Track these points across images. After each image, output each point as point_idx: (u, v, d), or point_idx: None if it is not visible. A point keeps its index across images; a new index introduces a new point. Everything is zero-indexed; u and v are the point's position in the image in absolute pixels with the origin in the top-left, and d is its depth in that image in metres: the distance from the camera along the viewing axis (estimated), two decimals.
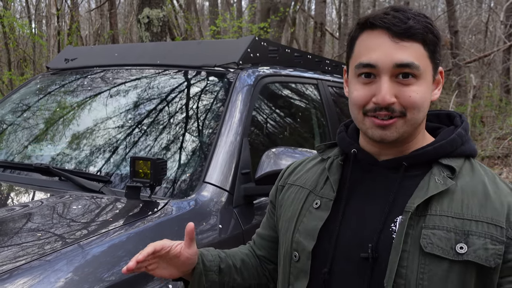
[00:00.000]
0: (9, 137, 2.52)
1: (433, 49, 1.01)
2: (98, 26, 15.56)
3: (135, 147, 2.14)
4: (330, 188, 1.11)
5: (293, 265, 1.11)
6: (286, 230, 1.15)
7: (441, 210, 0.98)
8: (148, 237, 1.56)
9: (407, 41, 0.99)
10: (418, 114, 1.01)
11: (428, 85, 1.02)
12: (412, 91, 0.99)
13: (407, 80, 0.99)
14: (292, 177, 1.24)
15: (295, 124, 2.85)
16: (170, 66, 2.57)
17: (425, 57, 1.00)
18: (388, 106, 0.99)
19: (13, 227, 1.54)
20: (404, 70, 0.99)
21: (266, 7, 11.20)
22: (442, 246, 0.95)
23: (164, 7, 5.50)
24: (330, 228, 1.06)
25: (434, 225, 0.97)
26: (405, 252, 0.97)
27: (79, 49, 3.22)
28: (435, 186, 0.99)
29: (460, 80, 10.76)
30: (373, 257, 0.99)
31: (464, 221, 0.96)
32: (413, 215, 0.98)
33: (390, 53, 0.99)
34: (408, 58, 0.98)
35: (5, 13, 10.46)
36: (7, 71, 11.19)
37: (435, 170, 1.02)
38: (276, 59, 2.78)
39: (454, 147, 1.04)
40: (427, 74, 1.02)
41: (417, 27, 0.98)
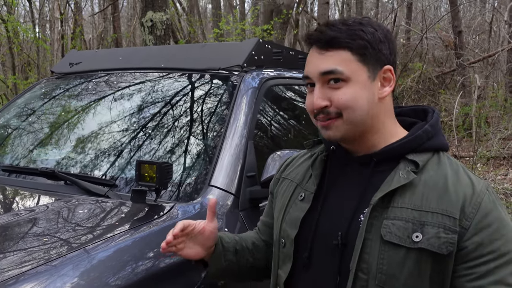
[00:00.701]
0: (14, 142, 2.53)
1: (362, 52, 1.11)
2: (102, 30, 15.61)
3: (140, 150, 2.14)
4: (312, 182, 1.24)
5: (281, 250, 1.26)
6: (277, 219, 1.30)
7: (402, 203, 1.07)
8: (153, 242, 1.55)
9: (331, 51, 1.11)
10: (354, 113, 1.11)
11: (362, 85, 1.11)
12: (342, 94, 1.11)
13: (336, 84, 1.11)
14: (286, 171, 1.38)
15: (299, 126, 2.84)
16: (175, 69, 2.57)
17: (353, 61, 1.11)
18: (323, 110, 1.12)
19: (18, 231, 1.53)
20: (330, 77, 1.11)
21: (269, 9, 11.20)
22: (399, 235, 1.05)
23: (167, 10, 5.51)
24: (310, 218, 1.20)
25: (395, 216, 1.07)
26: (368, 240, 1.08)
27: (83, 53, 3.23)
28: (398, 180, 1.08)
29: (465, 80, 10.72)
30: (342, 244, 1.12)
31: (422, 212, 1.06)
32: (377, 207, 1.08)
33: (316, 64, 1.13)
34: (330, 66, 1.10)
35: (9, 18, 10.51)
36: (11, 75, 11.23)
37: (401, 165, 1.11)
38: (280, 61, 2.77)
39: (419, 143, 1.13)
40: (358, 76, 1.11)
41: (339, 36, 1.10)
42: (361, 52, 1.11)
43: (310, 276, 1.19)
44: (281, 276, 1.25)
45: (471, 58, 11.70)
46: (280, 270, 1.26)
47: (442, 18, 13.65)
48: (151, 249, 1.52)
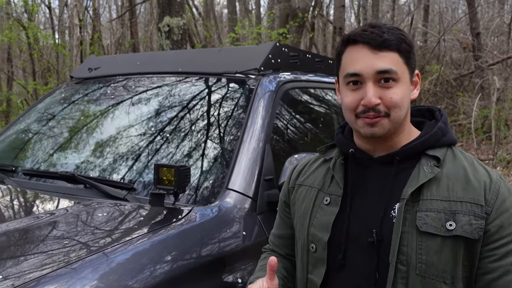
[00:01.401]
0: (35, 146, 2.56)
1: (407, 55, 1.20)
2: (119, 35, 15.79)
3: (158, 154, 2.15)
4: (336, 186, 1.27)
5: (311, 255, 1.27)
6: (301, 225, 1.31)
7: (431, 195, 1.15)
8: (171, 245, 1.56)
9: (384, 51, 1.17)
10: (399, 113, 1.18)
11: (407, 86, 1.20)
12: (393, 93, 1.17)
13: (388, 84, 1.17)
14: (300, 178, 1.40)
15: (316, 129, 2.82)
16: (192, 73, 2.58)
17: (401, 63, 1.19)
18: (374, 107, 1.17)
19: (39, 234, 1.55)
20: (385, 76, 1.17)
21: (285, 13, 11.20)
22: (434, 225, 1.12)
23: (184, 15, 5.55)
24: (340, 221, 1.23)
25: (427, 208, 1.14)
26: (404, 233, 1.14)
27: (101, 58, 3.26)
28: (424, 175, 1.16)
29: (483, 82, 10.56)
30: (378, 240, 1.16)
31: (451, 202, 1.14)
32: (408, 201, 1.15)
33: (372, 62, 1.17)
34: (386, 65, 1.16)
35: (30, 25, 10.71)
36: (31, 81, 11.43)
37: (423, 161, 1.19)
38: (297, 64, 2.77)
39: (436, 139, 1.22)
40: (405, 78, 1.19)
41: (391, 39, 1.17)
42: (407, 55, 1.19)
43: (345, 276, 1.22)
44: (314, 280, 1.26)
45: (489, 60, 11.53)
46: (310, 275, 1.27)
47: (459, 20, 13.49)
48: (169, 253, 1.53)
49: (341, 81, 1.24)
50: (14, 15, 12.00)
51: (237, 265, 1.71)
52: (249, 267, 1.73)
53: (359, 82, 1.19)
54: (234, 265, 1.70)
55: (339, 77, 1.26)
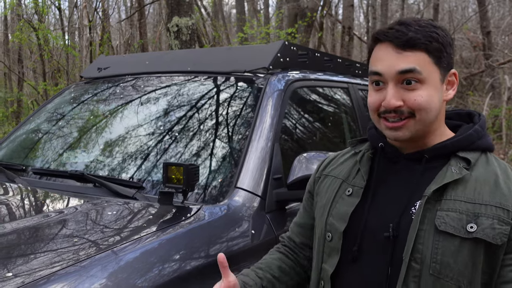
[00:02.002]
0: (45, 145, 2.58)
1: (437, 55, 1.14)
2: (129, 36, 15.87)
3: (167, 153, 2.15)
4: (361, 178, 1.27)
5: (327, 244, 1.27)
6: (321, 214, 1.31)
7: (455, 196, 1.11)
8: (180, 243, 1.56)
9: (409, 51, 1.12)
10: (426, 115, 1.14)
11: (435, 87, 1.15)
12: (417, 95, 1.13)
13: (411, 86, 1.13)
14: (327, 169, 1.40)
15: (325, 129, 2.81)
16: (200, 72, 2.58)
17: (430, 63, 1.13)
18: (396, 109, 1.14)
19: (49, 233, 1.56)
20: (407, 76, 1.12)
21: (293, 13, 11.19)
22: (454, 225, 1.08)
23: (192, 15, 5.56)
24: (359, 212, 1.22)
25: (448, 208, 1.10)
26: (421, 231, 1.11)
27: (111, 58, 3.28)
28: (451, 175, 1.13)
29: (494, 81, 10.47)
30: (393, 236, 1.14)
31: (475, 205, 1.10)
32: (430, 199, 1.12)
33: (393, 62, 1.13)
34: (409, 65, 1.12)
35: (40, 26, 10.79)
36: (42, 82, 11.52)
37: (453, 162, 1.16)
38: (306, 63, 2.76)
39: (470, 142, 1.18)
40: (433, 78, 1.14)
41: (417, 37, 1.12)
42: (437, 54, 1.14)
43: (358, 268, 1.21)
44: (327, 269, 1.26)
45: (500, 59, 11.44)
46: (324, 264, 1.27)
47: (469, 19, 13.38)
48: (178, 251, 1.53)
49: (369, 79, 1.22)
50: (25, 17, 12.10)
51: (245, 264, 1.70)
52: None
53: (381, 82, 1.17)
54: (243, 264, 1.69)
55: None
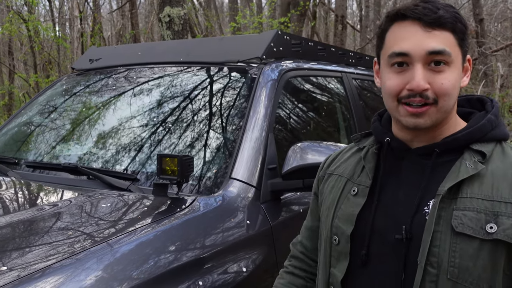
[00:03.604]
0: (37, 138, 2.56)
1: (462, 37, 1.07)
2: (120, 27, 15.73)
3: (161, 144, 2.14)
4: (366, 176, 1.17)
5: (334, 248, 1.18)
6: (326, 216, 1.23)
7: (471, 193, 1.02)
8: (176, 235, 1.56)
9: (438, 30, 1.04)
10: (449, 101, 1.06)
11: (459, 72, 1.08)
12: (444, 79, 1.04)
13: (439, 67, 1.04)
14: (331, 167, 1.31)
15: (320, 118, 2.81)
16: (193, 63, 2.57)
17: (455, 45, 1.06)
18: (422, 93, 1.04)
19: (44, 226, 1.55)
20: (436, 58, 1.04)
21: (286, 2, 11.13)
22: (472, 226, 1.00)
23: (184, 5, 5.52)
24: (366, 213, 1.13)
25: (465, 207, 1.02)
26: (437, 232, 1.02)
27: (103, 49, 3.25)
28: (466, 171, 1.04)
29: (487, 69, 10.51)
30: (407, 238, 1.05)
31: (494, 202, 1.01)
32: (445, 198, 1.03)
33: (423, 41, 1.04)
34: (440, 45, 1.03)
35: (30, 17, 10.67)
36: (33, 74, 11.42)
37: (466, 155, 1.06)
38: (300, 52, 2.75)
39: (484, 133, 1.09)
40: (457, 62, 1.07)
41: (446, 16, 1.04)
42: (461, 36, 1.07)
43: (369, 273, 1.13)
44: (336, 275, 1.17)
45: (493, 47, 11.46)
46: (333, 268, 1.19)
47: (462, 6, 13.37)
48: (173, 243, 1.53)
49: (384, 62, 1.11)
50: (14, 8, 11.96)
51: (241, 254, 1.70)
52: (253, 256, 1.73)
53: (405, 64, 1.06)
54: (239, 254, 1.70)
55: (381, 58, 1.14)
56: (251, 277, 1.67)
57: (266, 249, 1.79)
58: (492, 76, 10.50)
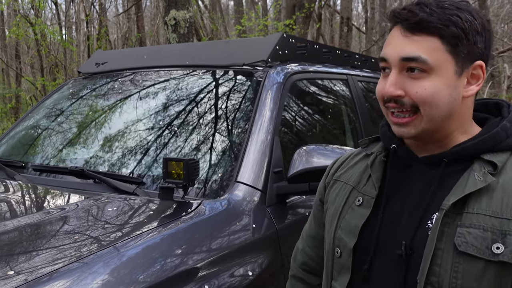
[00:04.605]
0: (44, 142, 2.58)
1: (454, 42, 0.97)
2: (126, 30, 15.80)
3: (167, 148, 2.15)
4: (372, 186, 1.11)
5: (336, 261, 1.13)
6: (330, 226, 1.17)
7: (478, 208, 0.95)
8: (182, 238, 1.56)
9: (418, 35, 0.97)
10: (431, 110, 0.98)
11: (446, 80, 0.98)
12: (419, 86, 0.97)
13: (414, 74, 0.98)
14: (337, 172, 1.24)
15: (325, 120, 2.81)
16: (199, 66, 2.57)
17: (441, 51, 0.97)
18: (396, 99, 1.00)
19: (50, 230, 1.56)
20: (410, 64, 0.98)
21: (291, 4, 11.13)
22: (477, 246, 0.92)
23: (190, 8, 5.53)
24: (371, 226, 1.07)
25: (471, 223, 0.94)
26: (439, 250, 0.95)
27: (108, 53, 3.26)
28: (474, 183, 0.96)
29: (493, 70, 10.45)
30: (406, 254, 0.99)
31: (503, 220, 0.93)
32: (449, 212, 0.96)
33: (398, 47, 0.99)
34: (414, 52, 0.97)
35: (37, 21, 10.74)
36: (40, 77, 11.49)
37: (476, 166, 0.98)
38: (305, 55, 2.75)
39: (497, 141, 1.00)
40: (443, 69, 0.97)
41: (430, 20, 0.96)
42: (453, 42, 0.97)
43: None
44: None
45: (499, 48, 11.40)
46: (334, 281, 1.14)
47: None
48: (180, 246, 1.53)
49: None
50: (21, 12, 12.04)
51: (247, 258, 1.70)
52: (259, 260, 1.73)
53: (387, 69, 1.03)
54: (244, 257, 1.70)
55: None
56: (257, 281, 1.67)
57: (272, 252, 1.79)
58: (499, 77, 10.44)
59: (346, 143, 2.76)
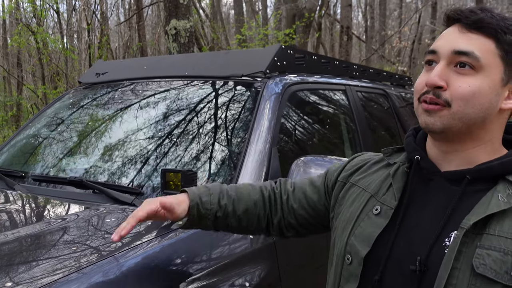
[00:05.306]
0: (44, 151, 2.60)
1: (508, 49, 0.98)
2: (127, 39, 15.89)
3: (166, 158, 2.17)
4: (392, 196, 1.09)
5: (345, 267, 1.10)
6: (342, 230, 1.14)
7: (500, 231, 0.92)
8: (181, 248, 1.57)
9: (475, 33, 0.98)
10: (466, 108, 0.97)
11: (491, 84, 0.97)
12: (464, 82, 0.97)
13: (463, 70, 0.97)
14: (354, 176, 1.23)
15: (324, 131, 2.83)
16: (198, 77, 2.60)
17: (494, 55, 0.98)
18: (435, 91, 0.98)
19: (50, 240, 1.57)
20: (461, 59, 0.97)
21: (292, 14, 11.20)
22: (495, 269, 0.90)
23: (190, 18, 5.57)
24: (385, 237, 1.05)
25: (491, 245, 0.92)
26: (455, 269, 0.93)
27: (109, 63, 3.29)
28: (497, 204, 0.94)
29: None
30: (421, 270, 0.97)
31: None
32: (469, 232, 0.94)
33: (453, 40, 0.99)
34: (468, 46, 0.97)
35: (38, 30, 10.81)
36: (41, 85, 11.54)
37: (500, 187, 0.97)
38: (303, 66, 2.77)
39: None
40: (492, 72, 0.97)
41: (490, 21, 0.97)
42: (507, 48, 0.98)
43: None
44: None
45: None
46: None
47: None
48: (179, 256, 1.54)
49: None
50: (23, 20, 12.13)
51: (245, 268, 1.71)
52: (257, 271, 1.74)
53: (434, 62, 1.01)
54: (243, 268, 1.71)
55: None
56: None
57: (269, 263, 1.80)
58: None
59: (345, 153, 2.78)
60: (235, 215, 1.32)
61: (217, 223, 1.33)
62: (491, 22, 0.97)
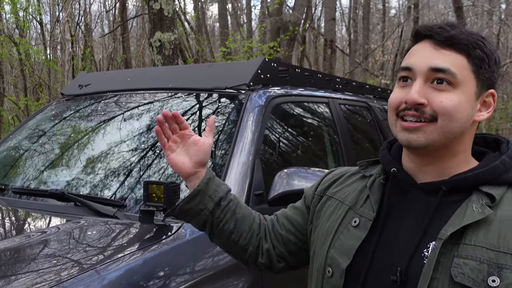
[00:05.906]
0: (25, 163, 2.56)
1: (479, 64, 1.02)
2: (111, 50, 15.83)
3: (149, 170, 2.16)
4: (370, 208, 1.11)
5: (326, 280, 1.11)
6: (322, 244, 1.16)
7: (476, 240, 0.95)
8: (164, 261, 1.57)
9: (448, 50, 1.01)
10: (450, 123, 1.00)
11: (468, 98, 1.01)
12: (444, 97, 1.00)
13: (441, 86, 1.00)
14: (331, 189, 1.24)
15: (307, 143, 2.85)
16: (182, 89, 2.60)
17: (467, 69, 1.01)
18: (417, 107, 1.00)
19: (30, 253, 1.55)
20: (438, 75, 1.00)
21: (276, 27, 11.31)
22: (473, 277, 0.93)
23: (175, 30, 5.59)
24: (366, 248, 1.06)
25: (467, 255, 0.95)
26: (434, 279, 0.95)
27: (92, 75, 3.28)
28: (472, 215, 0.97)
29: None
30: (401, 281, 0.99)
31: (499, 253, 0.94)
32: (447, 242, 0.96)
33: (427, 57, 1.02)
34: (444, 63, 1.00)
35: (21, 41, 10.71)
36: (23, 97, 11.41)
37: (474, 198, 1.00)
38: (287, 79, 2.80)
39: (497, 175, 1.02)
40: (467, 87, 1.01)
41: (460, 37, 1.01)
42: (478, 64, 1.01)
43: None
44: None
45: None
46: None
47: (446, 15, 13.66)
48: (162, 269, 1.53)
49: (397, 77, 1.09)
50: (6, 31, 12.01)
51: (229, 280, 1.71)
52: (241, 283, 1.74)
53: (409, 79, 1.03)
54: (227, 280, 1.70)
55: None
56: None
57: (252, 275, 1.79)
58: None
59: (328, 165, 2.80)
60: (235, 216, 1.28)
61: (216, 213, 1.25)
62: (462, 38, 1.01)
